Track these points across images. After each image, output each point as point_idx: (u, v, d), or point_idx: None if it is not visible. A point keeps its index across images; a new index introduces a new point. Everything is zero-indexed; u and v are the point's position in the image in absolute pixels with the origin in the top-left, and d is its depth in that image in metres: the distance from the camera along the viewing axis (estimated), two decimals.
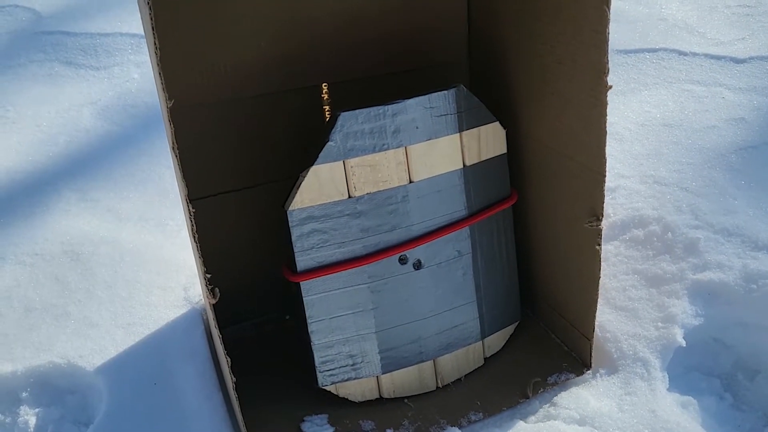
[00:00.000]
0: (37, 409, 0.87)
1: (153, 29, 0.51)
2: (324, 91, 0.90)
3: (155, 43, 0.52)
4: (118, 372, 0.86)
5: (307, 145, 0.87)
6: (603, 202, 0.75)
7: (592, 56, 0.69)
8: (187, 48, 0.78)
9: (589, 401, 0.79)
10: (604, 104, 0.69)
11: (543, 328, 0.92)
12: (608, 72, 0.68)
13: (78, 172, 1.29)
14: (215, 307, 0.65)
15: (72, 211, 1.17)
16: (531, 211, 0.88)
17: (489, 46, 0.90)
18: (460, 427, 0.79)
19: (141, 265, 1.03)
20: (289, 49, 0.85)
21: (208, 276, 0.60)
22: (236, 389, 0.68)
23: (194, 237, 0.58)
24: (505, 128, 0.83)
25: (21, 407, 0.86)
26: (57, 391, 0.88)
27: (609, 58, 0.67)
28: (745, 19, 1.47)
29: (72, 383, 0.88)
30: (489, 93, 0.89)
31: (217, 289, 0.61)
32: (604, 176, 0.73)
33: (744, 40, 1.39)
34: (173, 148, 0.55)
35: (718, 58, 1.34)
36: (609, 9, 0.65)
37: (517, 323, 0.91)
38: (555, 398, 0.81)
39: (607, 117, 0.70)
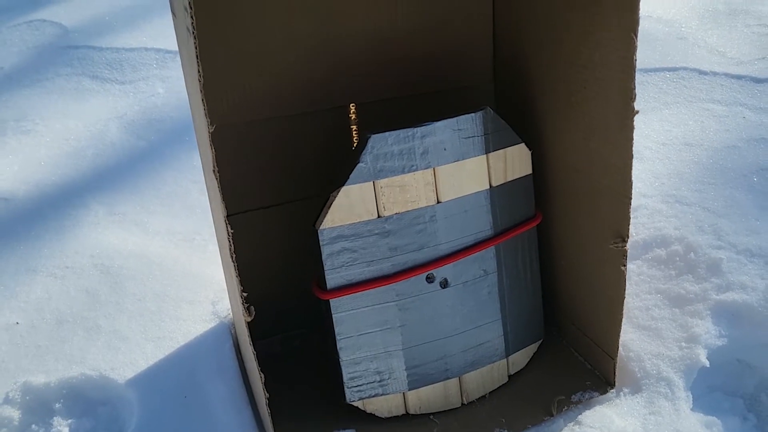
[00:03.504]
0: (69, 420, 0.89)
1: (197, 57, 0.53)
2: (352, 111, 0.92)
3: (199, 71, 0.54)
4: (149, 385, 0.88)
5: (335, 165, 0.89)
6: (629, 224, 0.76)
7: (619, 82, 0.70)
8: (216, 70, 0.80)
9: (614, 420, 0.80)
10: (631, 128, 0.71)
11: (566, 346, 0.93)
12: (635, 98, 0.69)
13: (105, 185, 1.32)
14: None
15: (101, 224, 1.20)
16: (555, 232, 0.89)
17: (514, 69, 0.91)
18: None
19: (169, 278, 1.05)
20: (317, 70, 0.87)
21: (245, 294, 0.62)
22: (268, 405, 0.69)
23: (232, 257, 0.60)
24: (530, 150, 0.85)
25: (54, 418, 0.88)
26: (89, 403, 0.90)
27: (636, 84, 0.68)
28: (766, 39, 1.48)
29: (104, 395, 0.90)
30: (514, 115, 0.91)
31: (252, 308, 0.63)
32: (630, 199, 0.74)
33: (764, 60, 1.39)
34: (214, 170, 0.57)
35: (738, 77, 1.35)
36: (636, 36, 0.66)
37: (540, 341, 0.92)
38: (579, 416, 0.82)
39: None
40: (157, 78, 1.67)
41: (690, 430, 0.78)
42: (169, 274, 1.06)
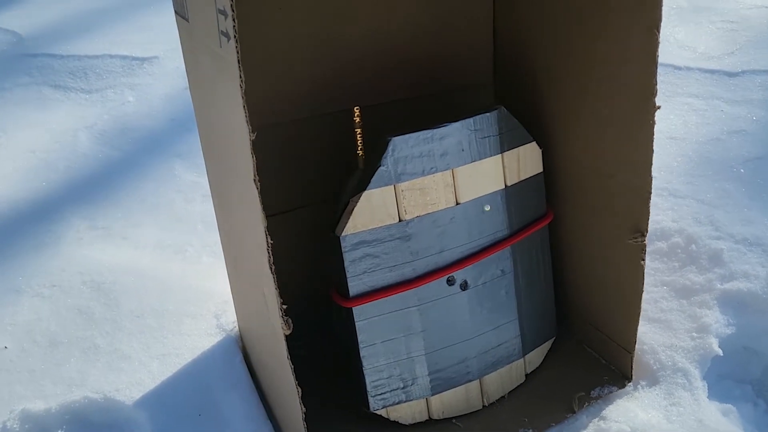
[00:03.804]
0: None
1: (239, 62, 0.51)
2: (356, 114, 0.90)
3: (240, 77, 0.51)
4: (159, 404, 0.85)
5: (340, 170, 0.88)
6: (648, 219, 0.77)
7: (639, 78, 0.71)
8: None
9: (637, 413, 0.81)
10: (653, 124, 0.71)
11: (578, 343, 0.94)
12: (657, 93, 0.70)
13: (83, 198, 1.26)
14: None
15: (84, 239, 1.15)
16: (566, 229, 0.89)
17: (516, 68, 0.91)
18: None
19: (167, 293, 1.01)
20: (321, 73, 0.86)
21: (284, 307, 0.60)
22: (304, 419, 0.67)
23: (271, 268, 0.58)
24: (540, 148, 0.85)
25: None
26: (94, 427, 0.86)
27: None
28: (731, 34, 1.52)
29: (110, 418, 0.86)
30: (517, 113, 0.91)
31: (290, 320, 0.61)
32: (650, 193, 0.75)
33: (733, 54, 1.44)
34: (255, 179, 0.55)
35: (711, 72, 1.38)
36: (659, 31, 0.67)
37: (553, 339, 0.92)
38: (603, 412, 0.82)
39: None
40: (125, 86, 1.62)
41: (712, 419, 0.80)
42: (165, 288, 1.02)
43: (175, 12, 0.73)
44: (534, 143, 0.84)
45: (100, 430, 0.86)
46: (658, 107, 0.71)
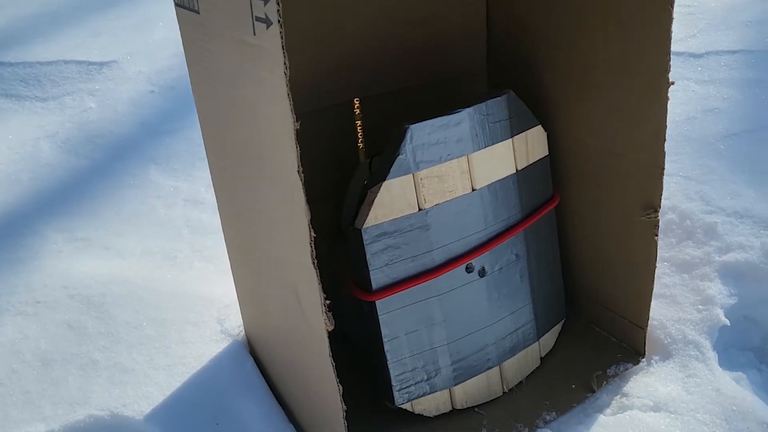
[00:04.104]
0: None
1: (283, 48, 0.49)
2: (356, 106, 0.88)
3: (285, 63, 0.49)
4: (172, 417, 0.81)
5: (345, 162, 0.86)
6: (661, 194, 0.78)
7: (651, 55, 0.72)
8: None
9: (657, 387, 0.82)
10: (666, 101, 0.72)
11: (586, 323, 0.94)
12: (670, 69, 0.71)
13: (55, 210, 1.21)
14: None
15: (64, 252, 1.09)
16: (571, 211, 0.90)
17: (512, 53, 0.91)
18: (536, 428, 0.80)
19: (162, 301, 0.97)
20: (321, 67, 0.84)
21: (328, 302, 0.58)
22: (345, 418, 0.65)
23: (314, 263, 0.56)
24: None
25: None
26: None
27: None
28: (690, 18, 1.57)
29: None
30: None
31: (332, 315, 0.59)
32: (663, 169, 0.76)
33: (695, 37, 1.48)
34: (299, 170, 0.52)
35: (677, 54, 1.42)
36: (672, 7, 0.68)
37: (563, 321, 0.92)
38: (623, 389, 0.83)
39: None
40: (84, 92, 1.55)
41: (727, 387, 0.81)
42: (160, 296, 0.98)
43: (177, 5, 0.70)
44: (540, 126, 0.84)
45: None
46: (672, 83, 0.72)
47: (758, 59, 1.39)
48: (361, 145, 0.87)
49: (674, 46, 1.44)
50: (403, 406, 0.79)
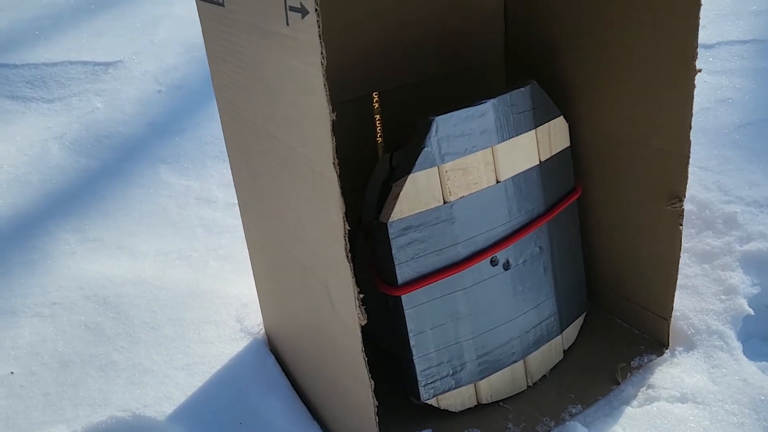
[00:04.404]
0: None
1: (320, 38, 0.48)
2: (375, 100, 0.88)
3: (322, 53, 0.48)
4: (195, 417, 0.80)
5: (360, 158, 0.85)
6: (686, 183, 0.77)
7: (677, 42, 0.71)
8: None
9: (683, 378, 0.81)
10: (692, 89, 0.72)
11: (606, 315, 0.94)
12: (697, 56, 0.70)
13: (66, 211, 1.20)
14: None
15: (77, 253, 1.08)
16: (594, 201, 0.89)
17: (531, 43, 0.91)
18: (563, 422, 0.79)
19: (179, 301, 0.96)
20: (337, 62, 0.83)
21: (361, 296, 0.57)
22: (377, 414, 0.64)
23: (348, 256, 0.55)
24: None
25: None
26: None
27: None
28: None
29: None
30: None
31: (364, 309, 0.58)
32: (688, 157, 0.75)
33: (705, 28, 1.48)
34: (334, 162, 0.52)
35: None
36: None
37: (585, 313, 0.92)
38: (648, 380, 0.82)
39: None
40: (90, 92, 1.54)
41: (754, 377, 0.81)
42: (176, 296, 0.97)
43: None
44: (562, 117, 0.83)
45: None
46: (699, 70, 0.71)
47: None
48: (380, 139, 0.86)
49: None
50: (429, 402, 0.78)
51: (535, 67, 0.91)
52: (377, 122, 0.88)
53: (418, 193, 0.73)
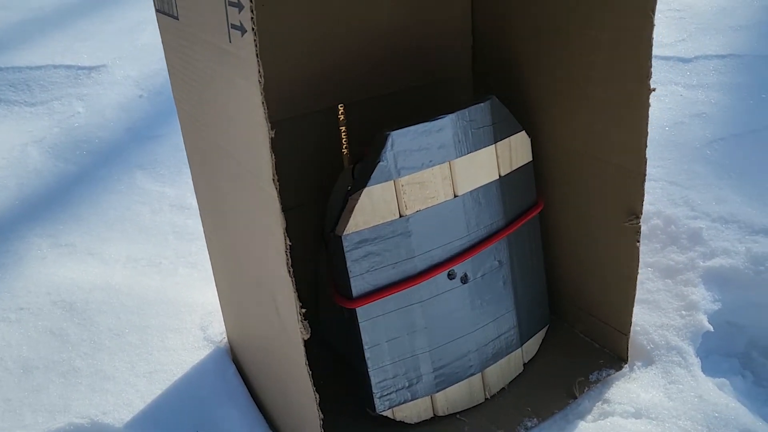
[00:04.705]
0: None
1: (257, 56, 0.49)
2: (340, 112, 0.88)
3: (259, 71, 0.49)
4: (152, 424, 0.80)
5: (331, 168, 0.86)
6: (642, 201, 0.78)
7: (633, 61, 0.72)
8: None
9: (639, 394, 0.82)
10: (647, 107, 0.72)
11: (569, 329, 0.94)
12: (651, 75, 0.71)
13: (41, 216, 1.20)
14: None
15: (48, 258, 1.09)
16: (556, 216, 0.90)
17: (497, 59, 0.91)
18: None
19: (145, 308, 0.97)
20: (302, 74, 0.84)
21: (303, 311, 0.58)
22: (322, 426, 0.65)
23: (290, 271, 0.56)
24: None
25: None
26: None
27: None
28: (680, 22, 1.57)
29: None
30: None
31: (307, 323, 0.58)
32: (645, 175, 0.76)
33: (684, 41, 1.48)
34: (274, 179, 0.52)
35: (666, 58, 1.42)
36: (654, 14, 0.68)
37: (547, 327, 0.92)
38: (604, 395, 0.83)
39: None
40: (72, 97, 1.55)
41: (710, 393, 0.81)
42: (143, 303, 0.98)
43: (158, 11, 0.70)
44: (524, 132, 0.84)
45: None
46: (653, 89, 0.72)
47: (747, 63, 1.39)
48: (345, 151, 0.87)
49: (663, 51, 1.46)
50: (385, 413, 0.79)
51: (502, 83, 0.92)
52: (343, 134, 0.88)
53: (373, 207, 0.73)
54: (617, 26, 0.72)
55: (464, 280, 0.81)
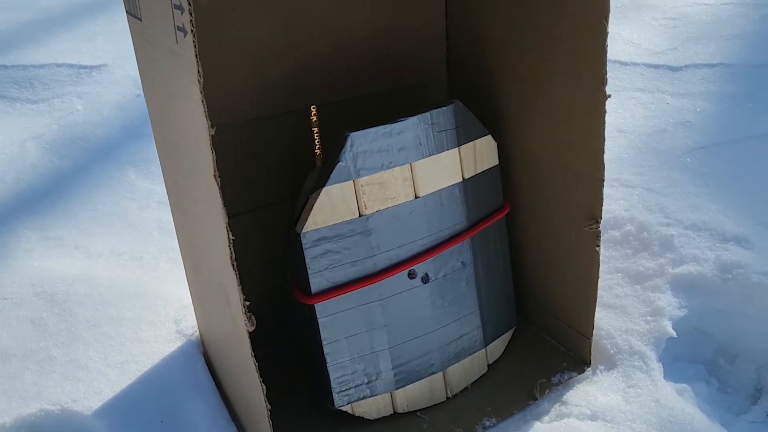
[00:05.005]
0: None
1: (197, 57, 0.51)
2: (312, 113, 0.90)
3: (198, 71, 0.51)
4: (119, 413, 0.83)
5: (302, 168, 0.88)
6: (602, 206, 0.79)
7: (590, 68, 0.73)
8: None
9: (597, 397, 0.83)
10: (603, 113, 0.73)
11: (537, 332, 0.95)
12: (606, 82, 0.72)
13: (33, 209, 1.23)
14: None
15: (36, 250, 1.12)
16: (522, 220, 0.91)
17: (470, 64, 0.93)
18: None
19: (123, 301, 0.99)
20: (279, 74, 0.86)
21: (247, 303, 0.60)
22: (270, 417, 0.66)
23: (233, 264, 0.58)
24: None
25: None
26: None
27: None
28: (673, 31, 1.58)
29: (68, 430, 0.84)
30: (471, 108, 0.92)
31: (253, 316, 0.60)
32: (603, 181, 0.77)
33: (676, 50, 1.49)
34: (215, 175, 0.54)
35: (656, 66, 1.43)
36: (607, 22, 0.69)
37: (513, 329, 0.93)
38: (563, 397, 0.84)
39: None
40: (73, 95, 1.58)
41: (668, 398, 0.82)
42: (122, 296, 1.00)
43: (127, 12, 0.72)
44: (489, 136, 0.85)
45: None
46: (608, 96, 0.73)
47: (737, 73, 1.39)
48: (318, 151, 0.89)
49: (653, 59, 1.46)
50: (344, 409, 0.81)
51: (474, 87, 0.93)
52: (315, 134, 0.90)
53: (332, 206, 0.75)
54: (574, 33, 0.73)
55: (425, 279, 0.82)
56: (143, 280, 1.04)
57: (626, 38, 1.56)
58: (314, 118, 0.90)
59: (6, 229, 1.18)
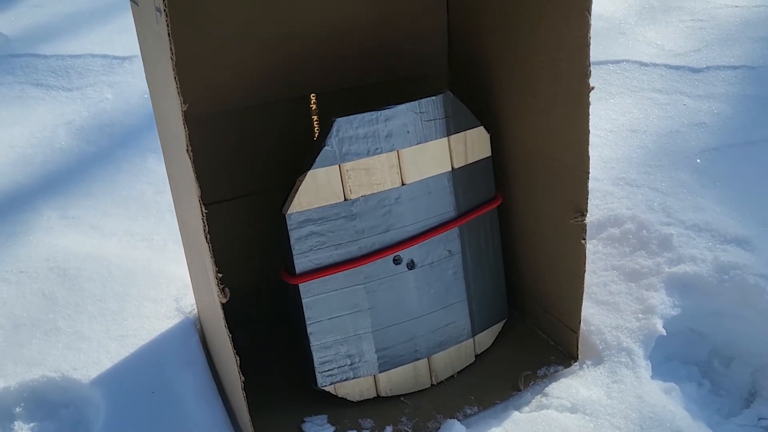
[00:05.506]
0: (31, 424, 0.86)
1: (169, 36, 0.53)
2: (312, 102, 0.92)
3: (171, 49, 0.54)
4: (115, 383, 0.87)
5: (297, 155, 0.90)
6: (587, 199, 0.79)
7: (574, 60, 0.73)
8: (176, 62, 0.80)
9: (579, 390, 0.83)
10: (587, 105, 0.74)
11: (529, 325, 0.95)
12: (590, 74, 0.72)
13: (57, 190, 1.29)
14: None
15: (54, 228, 1.17)
16: (515, 212, 0.91)
17: (469, 56, 0.94)
18: (454, 420, 0.81)
19: (130, 278, 1.03)
20: (277, 61, 0.88)
21: (220, 275, 0.62)
22: (244, 389, 0.69)
23: (206, 237, 0.60)
24: (488, 132, 0.87)
25: (15, 422, 0.86)
26: (51, 406, 0.88)
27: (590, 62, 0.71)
28: (699, 33, 1.55)
29: (66, 397, 0.88)
30: (470, 100, 0.93)
31: (227, 289, 0.63)
32: (588, 173, 0.77)
33: (699, 52, 1.46)
34: (187, 149, 0.57)
35: (677, 68, 1.41)
36: (590, 14, 0.69)
37: (504, 321, 0.94)
38: (546, 389, 0.84)
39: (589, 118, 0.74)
40: (104, 84, 1.64)
41: (651, 396, 0.81)
42: (129, 274, 1.04)
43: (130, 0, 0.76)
44: (482, 127, 0.86)
45: (56, 408, 0.88)
46: (592, 88, 0.73)
47: (760, 75, 1.36)
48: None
49: (674, 60, 1.44)
50: (326, 389, 0.82)
51: (473, 79, 0.94)
52: (315, 122, 0.93)
53: (318, 189, 0.77)
54: (560, 25, 0.74)
55: (411, 266, 0.83)
56: (151, 259, 1.08)
57: (650, 39, 1.54)
58: (314, 107, 0.92)
59: (30, 207, 1.24)
